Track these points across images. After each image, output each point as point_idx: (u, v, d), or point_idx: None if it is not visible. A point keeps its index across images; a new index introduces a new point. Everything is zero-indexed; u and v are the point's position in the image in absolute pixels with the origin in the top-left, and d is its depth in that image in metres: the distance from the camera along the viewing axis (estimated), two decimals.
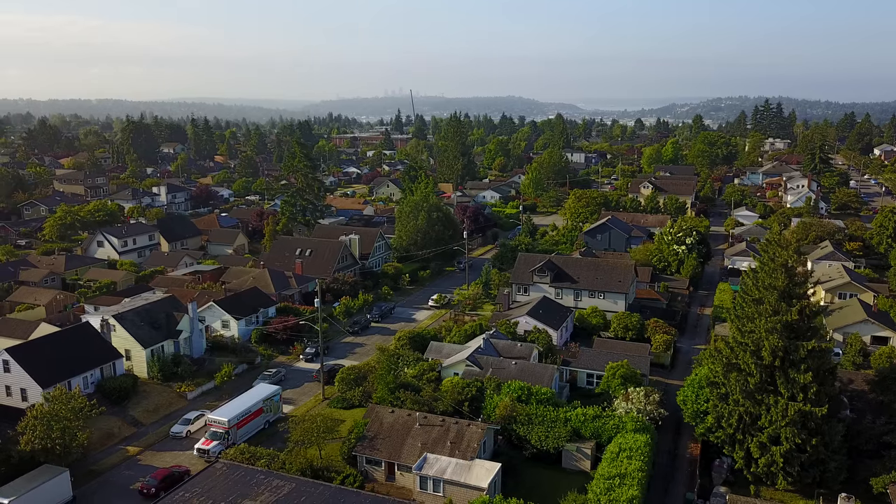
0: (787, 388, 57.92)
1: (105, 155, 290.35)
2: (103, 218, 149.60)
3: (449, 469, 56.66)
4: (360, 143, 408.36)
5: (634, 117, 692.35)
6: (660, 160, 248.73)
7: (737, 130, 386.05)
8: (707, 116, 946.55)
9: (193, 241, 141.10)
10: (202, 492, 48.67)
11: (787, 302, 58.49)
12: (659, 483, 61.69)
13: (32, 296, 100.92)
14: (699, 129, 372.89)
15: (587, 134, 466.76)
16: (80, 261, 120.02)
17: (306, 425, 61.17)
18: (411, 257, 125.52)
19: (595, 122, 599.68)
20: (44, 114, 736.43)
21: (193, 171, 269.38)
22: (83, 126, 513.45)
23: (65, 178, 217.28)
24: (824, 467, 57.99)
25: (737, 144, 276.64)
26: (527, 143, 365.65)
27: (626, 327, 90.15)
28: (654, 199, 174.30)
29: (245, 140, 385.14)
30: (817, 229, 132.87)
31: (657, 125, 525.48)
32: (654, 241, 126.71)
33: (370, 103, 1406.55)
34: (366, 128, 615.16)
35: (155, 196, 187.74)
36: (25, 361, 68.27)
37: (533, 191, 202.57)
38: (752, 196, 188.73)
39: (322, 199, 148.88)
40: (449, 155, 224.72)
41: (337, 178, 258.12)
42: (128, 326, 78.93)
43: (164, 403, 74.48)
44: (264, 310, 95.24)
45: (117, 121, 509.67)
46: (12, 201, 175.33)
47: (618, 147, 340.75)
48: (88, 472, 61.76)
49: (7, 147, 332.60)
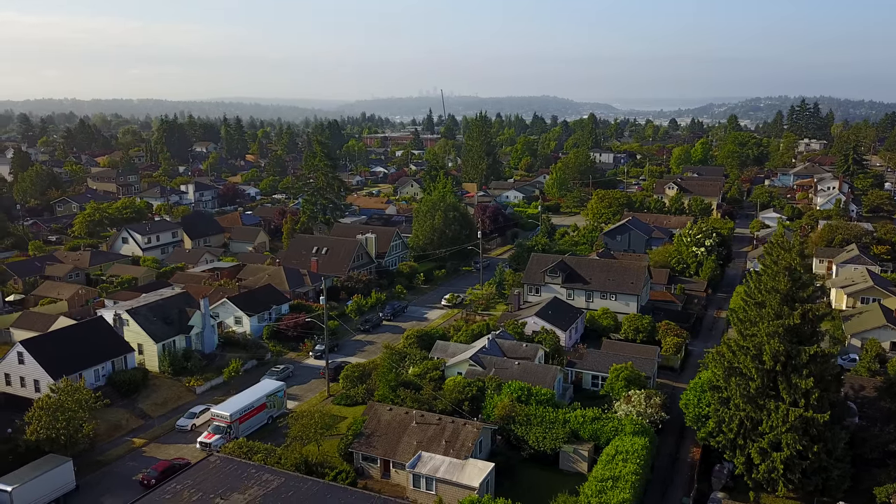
0: (788, 394, 56.82)
1: (139, 153, 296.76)
2: (131, 215, 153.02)
3: (442, 468, 56.83)
4: (391, 143, 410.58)
5: (671, 117, 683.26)
6: (689, 161, 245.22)
7: (773, 131, 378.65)
8: (745, 117, 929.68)
9: (216, 239, 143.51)
10: (194, 484, 49.64)
11: (790, 306, 57.40)
12: (657, 487, 61.05)
13: (56, 290, 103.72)
14: (733, 129, 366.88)
15: (619, 134, 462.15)
16: (104, 257, 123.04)
17: (304, 421, 61.99)
18: (428, 256, 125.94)
19: (628, 123, 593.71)
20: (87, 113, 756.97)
21: (224, 169, 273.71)
22: (123, 125, 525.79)
23: (98, 176, 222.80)
24: (827, 475, 56.73)
25: (769, 145, 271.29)
26: (557, 143, 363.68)
27: (636, 329, 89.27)
28: (679, 201, 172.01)
29: (277, 139, 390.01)
30: (843, 232, 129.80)
31: (691, 125, 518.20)
32: (674, 243, 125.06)
33: (404, 103, 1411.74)
34: (398, 128, 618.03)
35: (183, 194, 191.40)
36: (38, 354, 70.31)
37: (557, 191, 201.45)
38: (781, 198, 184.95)
39: (342, 198, 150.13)
40: (474, 155, 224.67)
41: (364, 178, 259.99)
42: (140, 321, 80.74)
43: (173, 397, 75.99)
44: (277, 307, 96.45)
45: (155, 120, 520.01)
46: (46, 198, 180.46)
47: (648, 147, 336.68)
48: (94, 463, 63.40)
49: (48, 145, 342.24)
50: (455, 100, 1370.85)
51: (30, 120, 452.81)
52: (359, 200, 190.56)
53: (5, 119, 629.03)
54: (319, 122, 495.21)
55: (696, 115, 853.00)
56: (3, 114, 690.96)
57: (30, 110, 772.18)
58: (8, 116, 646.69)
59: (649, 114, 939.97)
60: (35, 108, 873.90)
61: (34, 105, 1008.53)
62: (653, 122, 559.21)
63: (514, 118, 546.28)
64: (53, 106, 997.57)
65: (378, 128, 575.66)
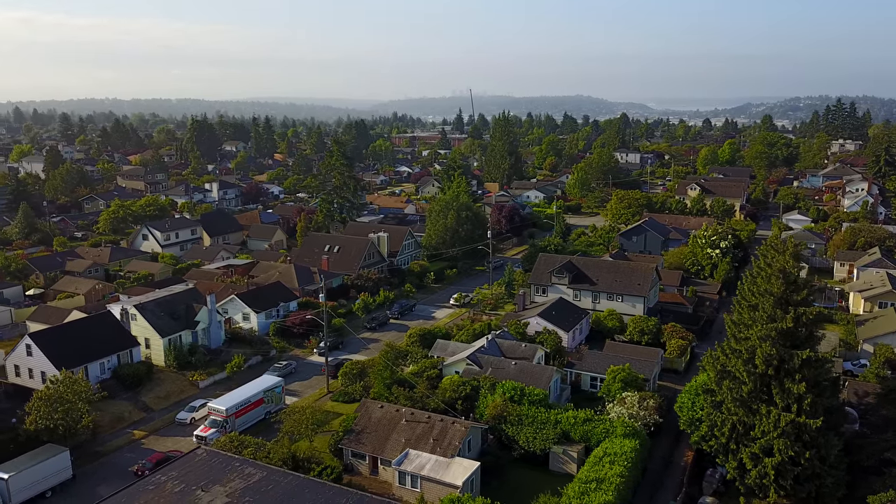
0: (782, 399, 55.91)
1: (170, 152, 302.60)
2: (154, 212, 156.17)
3: (427, 466, 57.08)
4: (419, 143, 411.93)
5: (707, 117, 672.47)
6: (716, 161, 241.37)
7: (809, 131, 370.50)
8: (784, 117, 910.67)
9: (235, 237, 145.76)
10: (178, 475, 50.63)
11: (783, 309, 56.43)
12: (646, 490, 60.47)
13: (74, 285, 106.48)
14: (767, 129, 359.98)
15: (649, 134, 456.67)
16: (123, 253, 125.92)
17: (296, 417, 62.83)
18: (440, 256, 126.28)
19: (661, 122, 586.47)
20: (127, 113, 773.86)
21: (252, 168, 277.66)
22: (160, 124, 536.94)
23: (127, 174, 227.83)
24: (820, 482, 55.63)
25: (799, 146, 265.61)
26: (585, 143, 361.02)
27: (641, 331, 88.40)
28: (701, 202, 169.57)
29: (306, 139, 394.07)
30: (867, 235, 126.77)
31: (724, 125, 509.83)
32: (689, 244, 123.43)
33: (437, 103, 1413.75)
34: (428, 127, 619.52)
35: (206, 192, 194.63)
36: (45, 346, 72.38)
37: (578, 191, 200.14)
38: (807, 199, 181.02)
39: (359, 197, 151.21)
40: (496, 154, 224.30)
41: (388, 177, 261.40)
42: (148, 316, 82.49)
43: (176, 391, 77.51)
44: (285, 304, 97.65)
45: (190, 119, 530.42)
46: (75, 195, 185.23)
47: (676, 148, 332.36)
48: (94, 453, 65.02)
49: (84, 144, 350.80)
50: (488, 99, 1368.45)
51: (69, 119, 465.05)
52: (379, 199, 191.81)
53: (48, 118, 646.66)
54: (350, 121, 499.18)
55: (732, 115, 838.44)
56: (46, 113, 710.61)
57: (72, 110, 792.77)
58: (51, 116, 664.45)
59: (685, 114, 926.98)
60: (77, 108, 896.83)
61: (77, 105, 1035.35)
62: (685, 122, 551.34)
63: (545, 118, 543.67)
64: (95, 105, 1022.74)
65: (408, 128, 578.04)
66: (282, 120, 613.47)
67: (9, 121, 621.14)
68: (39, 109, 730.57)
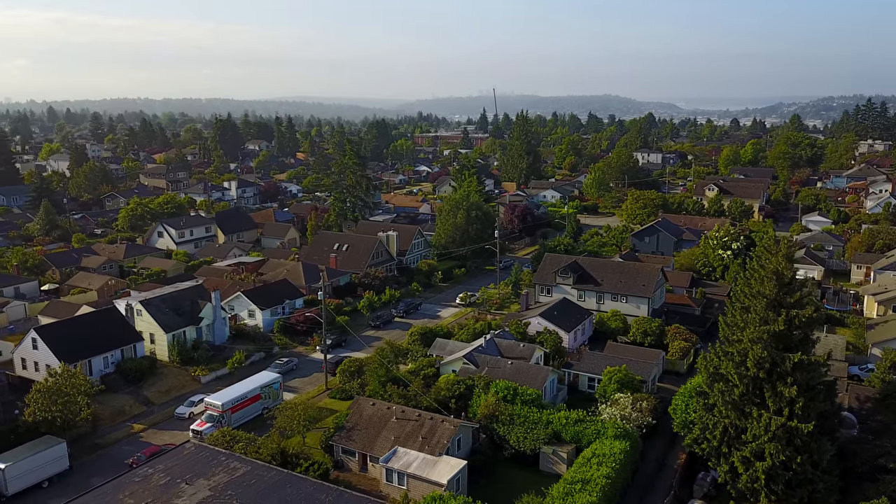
0: (774, 402, 55.15)
1: (194, 151, 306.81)
2: (171, 210, 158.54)
3: (414, 463, 57.28)
4: (441, 142, 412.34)
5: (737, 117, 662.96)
6: (738, 161, 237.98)
7: (840, 131, 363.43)
8: (816, 116, 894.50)
9: (250, 235, 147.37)
10: (165, 469, 51.48)
11: (776, 311, 55.61)
12: (636, 492, 59.99)
13: (87, 281, 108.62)
14: (796, 129, 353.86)
15: (674, 134, 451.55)
16: (138, 249, 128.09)
17: (288, 413, 63.45)
18: (449, 255, 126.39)
19: (689, 122, 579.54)
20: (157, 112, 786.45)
21: (273, 167, 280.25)
22: (188, 123, 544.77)
23: (150, 173, 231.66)
24: (812, 487, 54.77)
25: (825, 146, 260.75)
26: (609, 143, 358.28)
27: (645, 332, 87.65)
28: (719, 202, 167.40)
29: (329, 138, 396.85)
30: (885, 237, 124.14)
31: (752, 125, 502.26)
32: (700, 246, 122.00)
33: (464, 102, 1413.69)
34: (453, 126, 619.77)
35: (225, 190, 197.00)
36: (50, 340, 73.94)
37: (595, 191, 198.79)
38: (828, 200, 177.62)
39: (371, 196, 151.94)
40: (514, 154, 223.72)
41: (407, 176, 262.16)
42: (153, 312, 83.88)
43: (178, 385, 78.70)
44: (290, 301, 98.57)
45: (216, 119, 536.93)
46: (97, 193, 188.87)
47: (700, 148, 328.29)
48: (93, 445, 66.33)
49: (112, 143, 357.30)
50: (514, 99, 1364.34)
51: (100, 119, 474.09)
52: (395, 199, 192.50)
53: (80, 118, 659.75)
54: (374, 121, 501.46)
55: (763, 115, 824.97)
56: (79, 113, 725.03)
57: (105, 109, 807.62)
58: (83, 115, 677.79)
59: (714, 113, 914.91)
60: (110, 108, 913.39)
61: (110, 104, 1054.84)
62: (712, 122, 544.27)
63: (569, 117, 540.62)
64: (128, 105, 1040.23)
65: (433, 127, 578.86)
66: (308, 119, 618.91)
67: (42, 120, 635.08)
68: (73, 109, 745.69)
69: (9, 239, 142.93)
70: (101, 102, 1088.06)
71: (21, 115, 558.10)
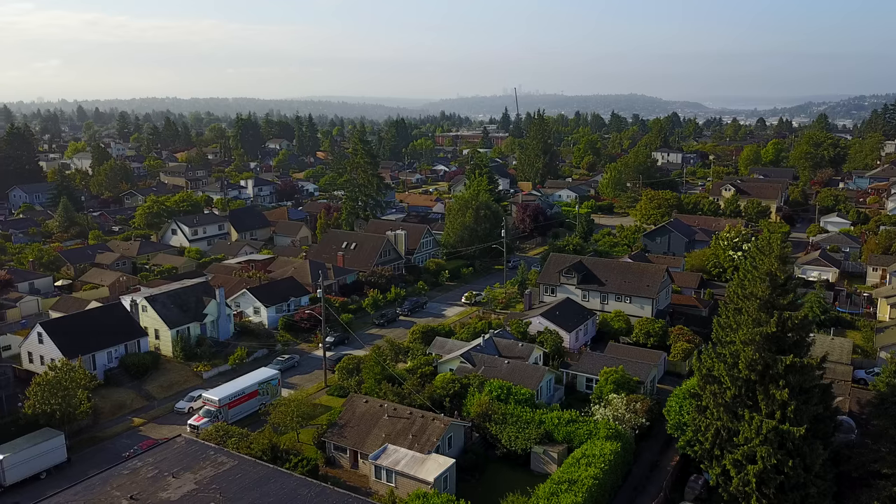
0: (766, 405, 54.48)
1: (215, 150, 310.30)
2: (187, 208, 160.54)
3: (403, 461, 57.49)
4: (461, 142, 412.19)
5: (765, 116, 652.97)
6: (758, 161, 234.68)
7: (868, 131, 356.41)
8: (847, 116, 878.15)
9: (263, 232, 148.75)
10: (154, 462, 52.25)
11: (769, 313, 54.89)
12: (627, 493, 59.61)
13: (100, 277, 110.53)
14: (823, 129, 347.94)
15: (698, 134, 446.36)
16: (152, 246, 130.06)
17: (282, 409, 64.06)
18: (458, 254, 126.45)
19: (714, 122, 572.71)
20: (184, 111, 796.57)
21: (293, 166, 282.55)
22: (214, 122, 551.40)
23: (170, 171, 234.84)
24: (805, 492, 54.01)
25: (850, 146, 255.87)
26: (630, 143, 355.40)
27: (647, 333, 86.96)
28: (735, 203, 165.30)
29: (350, 137, 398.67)
30: None
31: (779, 125, 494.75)
32: (711, 246, 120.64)
33: (489, 101, 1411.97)
34: (475, 126, 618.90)
35: (242, 189, 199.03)
36: (55, 334, 75.44)
37: (611, 191, 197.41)
38: (848, 201, 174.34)
39: (383, 195, 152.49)
40: (530, 153, 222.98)
41: (424, 176, 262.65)
42: (157, 308, 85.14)
43: (180, 381, 79.80)
44: (296, 299, 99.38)
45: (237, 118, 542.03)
46: (117, 191, 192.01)
47: (722, 147, 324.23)
48: (92, 438, 67.57)
49: (137, 142, 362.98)
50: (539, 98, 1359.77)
51: (126, 118, 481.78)
52: (409, 198, 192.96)
53: (108, 117, 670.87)
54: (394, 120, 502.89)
55: (792, 115, 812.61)
56: (107, 112, 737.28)
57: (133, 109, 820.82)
58: (111, 115, 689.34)
59: (742, 113, 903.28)
60: (139, 107, 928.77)
61: (138, 104, 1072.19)
62: (737, 121, 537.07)
63: (592, 117, 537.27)
64: (156, 104, 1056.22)
65: (455, 126, 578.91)
66: (332, 118, 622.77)
67: (72, 119, 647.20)
68: (102, 108, 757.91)
69: (28, 235, 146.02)
70: (130, 102, 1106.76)
71: (51, 115, 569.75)
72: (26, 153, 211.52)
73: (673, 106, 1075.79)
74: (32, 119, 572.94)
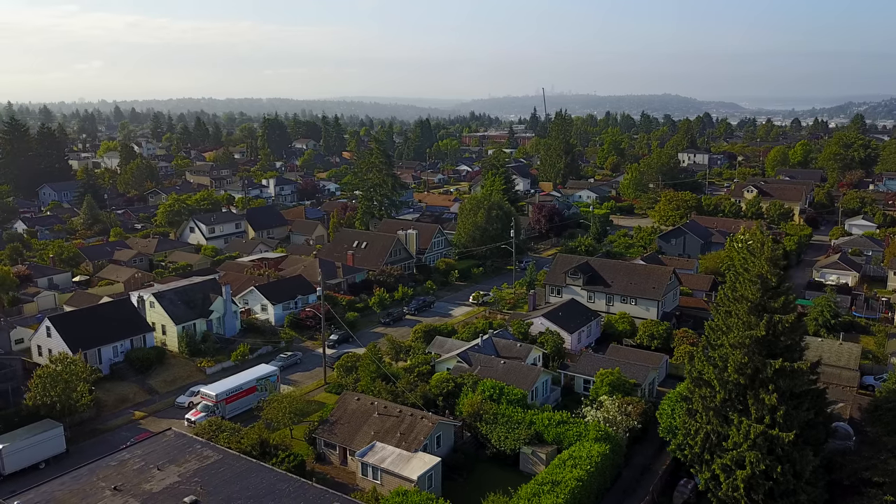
0: (756, 409, 53.59)
1: (242, 149, 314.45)
2: (208, 206, 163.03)
3: (389, 458, 57.77)
4: (488, 142, 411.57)
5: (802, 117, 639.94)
6: (786, 163, 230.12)
7: None
8: (888, 116, 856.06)
9: (280, 231, 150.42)
10: (142, 454, 53.32)
11: (759, 316, 53.97)
12: (615, 496, 59.12)
13: (116, 273, 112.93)
14: (859, 129, 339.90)
15: (729, 134, 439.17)
16: (169, 244, 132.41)
17: (275, 405, 64.81)
18: (470, 254, 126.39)
19: (747, 122, 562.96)
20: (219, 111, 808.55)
21: (318, 165, 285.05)
22: (246, 122, 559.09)
23: (196, 170, 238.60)
24: (795, 499, 53.03)
25: (881, 147, 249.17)
26: (659, 143, 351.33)
27: (651, 336, 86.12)
28: (757, 205, 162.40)
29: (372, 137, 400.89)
30: None
31: (814, 125, 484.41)
32: (725, 248, 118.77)
33: (520, 102, 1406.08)
34: (504, 126, 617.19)
35: (263, 188, 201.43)
36: (63, 328, 77.28)
37: (633, 191, 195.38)
38: (875, 204, 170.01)
39: (398, 195, 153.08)
40: (552, 153, 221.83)
41: (446, 176, 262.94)
42: (164, 304, 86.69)
43: (183, 376, 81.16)
44: (303, 297, 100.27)
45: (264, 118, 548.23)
46: (142, 189, 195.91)
47: (752, 148, 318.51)
48: (93, 431, 69.10)
49: (168, 141, 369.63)
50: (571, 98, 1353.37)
51: (160, 118, 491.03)
52: (428, 198, 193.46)
53: (144, 117, 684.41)
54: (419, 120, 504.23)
55: (830, 115, 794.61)
56: (144, 112, 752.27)
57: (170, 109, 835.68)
58: (147, 115, 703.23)
59: (778, 113, 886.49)
60: (175, 107, 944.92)
61: (175, 104, 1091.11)
62: (772, 122, 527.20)
63: (622, 117, 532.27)
64: (192, 105, 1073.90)
65: (484, 126, 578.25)
66: (361, 119, 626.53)
67: (109, 119, 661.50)
68: (139, 109, 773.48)
69: (54, 232, 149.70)
70: (167, 102, 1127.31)
71: (89, 115, 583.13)
72: (56, 152, 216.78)
73: (707, 106, 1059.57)
74: (71, 119, 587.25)
